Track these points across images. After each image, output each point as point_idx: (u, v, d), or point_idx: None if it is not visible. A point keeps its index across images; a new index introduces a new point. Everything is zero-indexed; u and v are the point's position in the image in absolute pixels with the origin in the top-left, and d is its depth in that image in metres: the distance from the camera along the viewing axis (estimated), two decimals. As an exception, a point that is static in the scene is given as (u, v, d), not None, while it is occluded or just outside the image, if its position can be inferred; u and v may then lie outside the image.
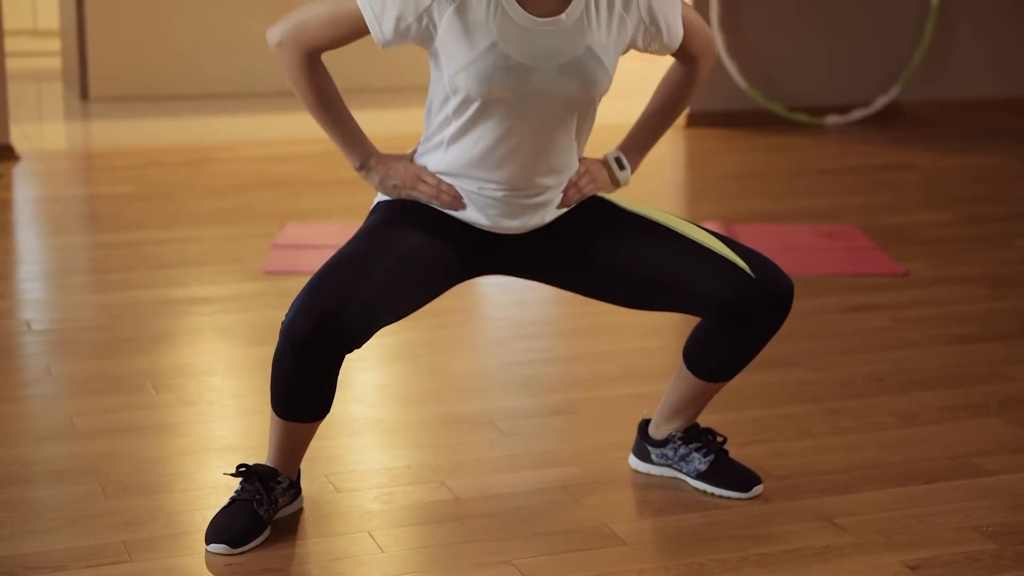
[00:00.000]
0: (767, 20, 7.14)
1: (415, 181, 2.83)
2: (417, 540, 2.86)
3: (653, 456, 3.15)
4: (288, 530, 2.88)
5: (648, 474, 3.16)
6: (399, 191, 2.84)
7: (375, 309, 2.67)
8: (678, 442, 3.11)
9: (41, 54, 8.84)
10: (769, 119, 7.17)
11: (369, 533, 2.88)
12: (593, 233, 2.89)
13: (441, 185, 2.82)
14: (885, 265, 4.75)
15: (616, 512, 2.99)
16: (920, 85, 7.43)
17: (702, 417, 3.42)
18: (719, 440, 3.15)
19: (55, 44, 8.82)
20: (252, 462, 3.11)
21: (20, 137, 6.57)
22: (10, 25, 8.83)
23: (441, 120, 2.79)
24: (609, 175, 2.96)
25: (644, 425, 3.18)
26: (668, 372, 3.80)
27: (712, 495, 3.05)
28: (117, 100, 7.53)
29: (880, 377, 3.76)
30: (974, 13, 7.45)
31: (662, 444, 3.13)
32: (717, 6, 6.96)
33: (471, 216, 2.84)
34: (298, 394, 2.75)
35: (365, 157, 2.85)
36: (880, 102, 7.25)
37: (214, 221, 5.22)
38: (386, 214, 2.84)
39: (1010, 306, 4.40)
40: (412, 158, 2.87)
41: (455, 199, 2.82)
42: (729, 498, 3.04)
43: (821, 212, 5.46)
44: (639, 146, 3.00)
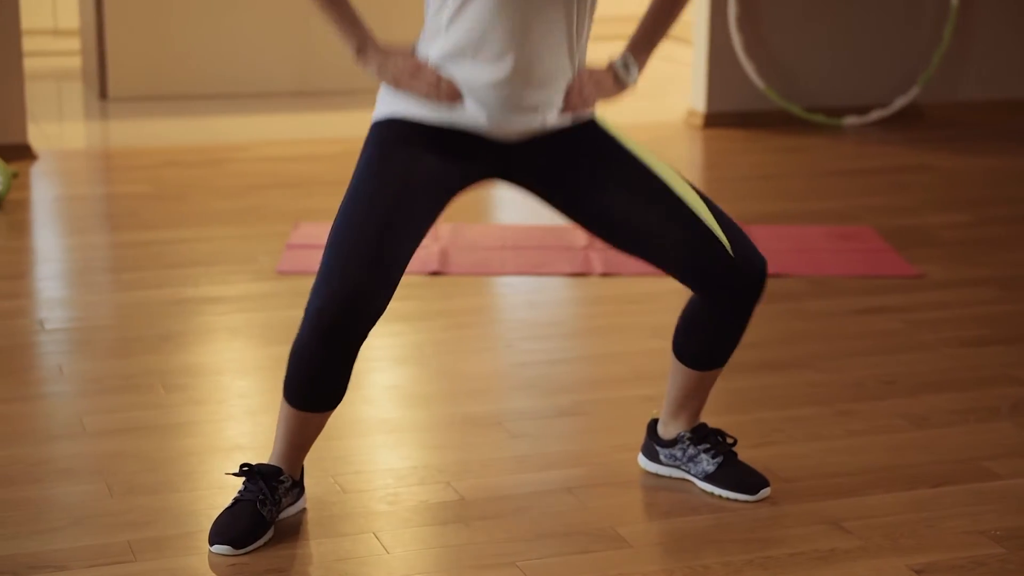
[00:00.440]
0: (785, 20, 7.11)
1: (413, 73, 2.76)
2: (422, 541, 2.86)
3: (662, 456, 3.14)
4: (293, 530, 2.89)
5: (656, 475, 3.15)
6: (397, 83, 2.77)
7: (395, 274, 2.72)
8: (687, 442, 3.10)
9: (61, 53, 8.86)
10: (787, 120, 7.15)
11: (375, 534, 2.88)
12: (592, 166, 2.86)
13: (440, 81, 2.75)
14: (899, 267, 4.73)
15: (622, 514, 2.98)
16: (939, 86, 7.40)
17: (712, 418, 3.41)
18: (729, 442, 3.14)
19: (75, 44, 8.84)
20: (257, 462, 3.11)
21: (38, 136, 6.59)
22: (31, 24, 8.85)
23: (438, 3, 2.75)
24: (614, 80, 2.87)
25: (653, 425, 3.17)
26: (678, 374, 3.80)
27: (719, 497, 3.05)
28: (136, 100, 7.54)
29: (891, 380, 3.74)
30: (994, 14, 7.41)
31: (671, 444, 3.12)
32: (735, 6, 6.94)
33: (470, 116, 2.77)
34: (320, 381, 2.77)
35: (362, 42, 2.77)
36: (899, 103, 7.21)
37: (228, 221, 5.22)
38: (379, 154, 2.77)
39: (1023, 309, 4.38)
40: (413, 51, 2.80)
41: (453, 93, 2.75)
42: (736, 501, 3.03)
43: (836, 213, 5.44)
44: (644, 44, 2.91)
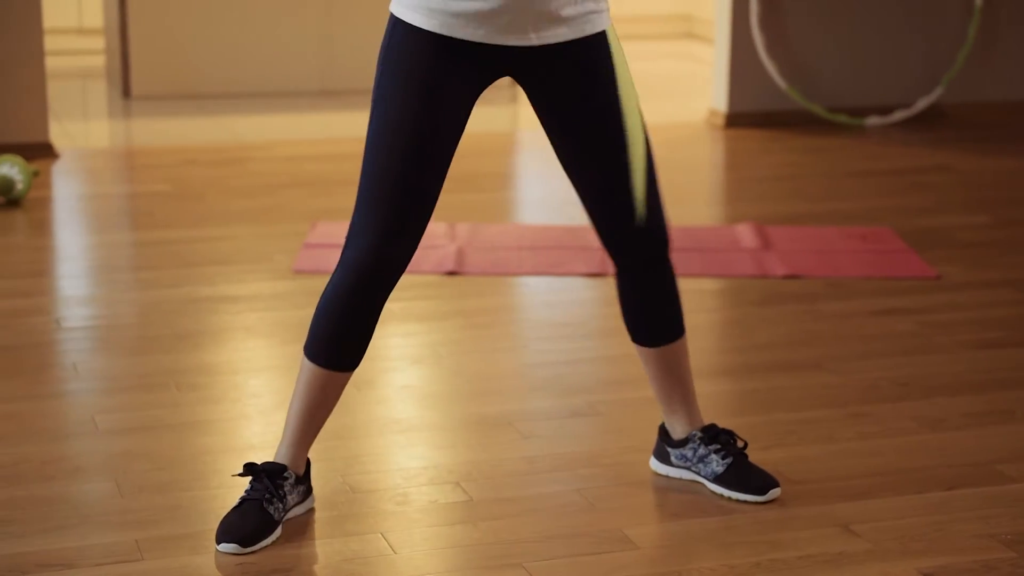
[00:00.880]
0: (808, 20, 7.09)
1: None
2: (429, 542, 2.86)
3: (672, 457, 3.13)
4: (301, 530, 2.89)
5: (667, 476, 3.15)
6: None
7: (426, 209, 2.76)
8: (697, 442, 3.09)
9: (86, 52, 8.90)
10: (809, 120, 7.12)
11: (382, 534, 2.88)
12: (574, 95, 2.82)
13: None
14: (917, 268, 4.71)
15: (631, 516, 2.97)
16: (963, 86, 7.36)
17: (724, 420, 3.40)
18: (740, 444, 3.13)
19: (100, 42, 8.87)
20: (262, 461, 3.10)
21: (61, 135, 6.62)
22: (56, 23, 8.89)
23: None
24: None
25: (664, 427, 3.16)
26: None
27: (728, 499, 3.04)
28: (158, 98, 7.56)
29: (905, 382, 3.73)
30: (1019, 14, 7.37)
31: (681, 444, 3.11)
32: (757, 6, 6.92)
33: (468, 34, 2.72)
34: (350, 331, 2.81)
35: None
36: (922, 103, 7.18)
37: (245, 220, 5.23)
38: (391, 83, 2.74)
39: (1042, 311, 4.36)
40: None
41: None
42: (744, 502, 3.02)
43: (856, 214, 5.42)
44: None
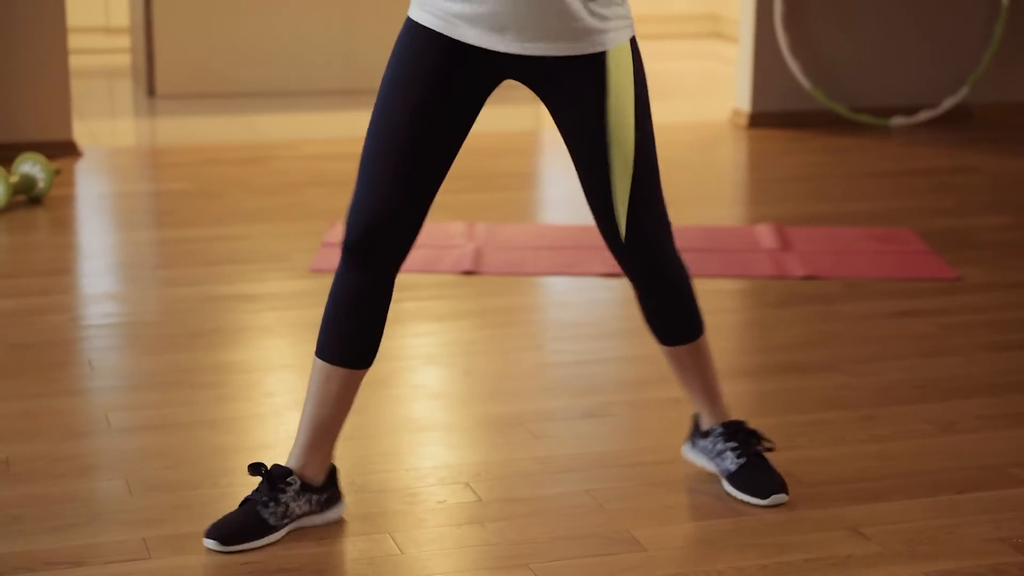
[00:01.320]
0: (832, 19, 7.06)
1: None
2: (436, 542, 2.85)
3: (698, 445, 3.14)
4: (309, 530, 2.89)
5: (693, 464, 3.15)
6: None
7: (419, 201, 2.77)
8: (718, 436, 3.08)
9: (112, 51, 8.93)
10: (833, 120, 7.09)
11: (390, 534, 2.88)
12: (571, 109, 2.81)
13: None
14: (937, 269, 4.69)
15: (639, 517, 2.97)
16: (989, 86, 7.32)
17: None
18: (762, 447, 3.09)
19: (126, 41, 8.90)
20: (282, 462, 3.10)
21: (85, 133, 6.64)
22: (83, 22, 8.93)
23: None
24: None
25: (696, 415, 3.16)
26: (706, 376, 3.78)
27: (734, 499, 3.03)
28: (183, 97, 7.58)
29: (921, 384, 3.71)
30: (1046, 13, 7.34)
31: (705, 435, 3.11)
32: (780, 5, 6.90)
33: (471, 38, 2.73)
34: (348, 322, 2.81)
35: None
36: (947, 103, 7.14)
37: (265, 219, 5.24)
38: (393, 75, 2.76)
39: (1062, 313, 4.33)
40: None
41: None
42: (747, 503, 3.01)
43: (878, 215, 5.39)
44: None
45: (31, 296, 4.38)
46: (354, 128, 6.89)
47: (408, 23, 2.78)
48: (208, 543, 2.79)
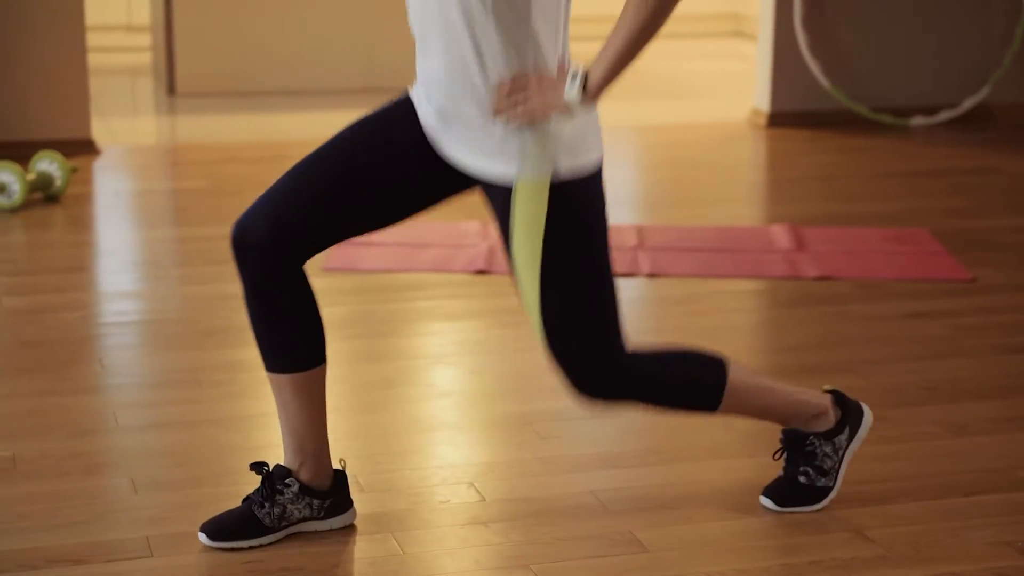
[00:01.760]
0: (851, 18, 7.03)
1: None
2: (439, 542, 2.85)
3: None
4: (310, 530, 2.89)
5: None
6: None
7: (313, 217, 2.72)
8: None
9: (134, 49, 8.96)
10: (852, 120, 7.07)
11: (392, 534, 2.88)
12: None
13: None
14: (951, 271, 4.66)
15: (643, 518, 2.96)
16: (1010, 87, 7.27)
17: (745, 422, 3.35)
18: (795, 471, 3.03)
19: (148, 40, 8.93)
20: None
21: (104, 131, 6.66)
22: (105, 20, 8.96)
23: None
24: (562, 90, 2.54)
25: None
26: (715, 377, 3.76)
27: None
28: (203, 96, 7.60)
29: (931, 386, 3.69)
30: (1068, 13, 7.30)
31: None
32: (800, 5, 6.87)
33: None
34: (263, 328, 2.78)
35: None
36: (968, 104, 7.11)
37: (281, 217, 5.24)
38: (375, 111, 2.78)
39: (1077, 315, 4.30)
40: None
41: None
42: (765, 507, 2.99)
43: (895, 215, 5.37)
44: (603, 49, 2.52)
45: (45, 293, 4.40)
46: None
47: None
48: (200, 536, 2.79)
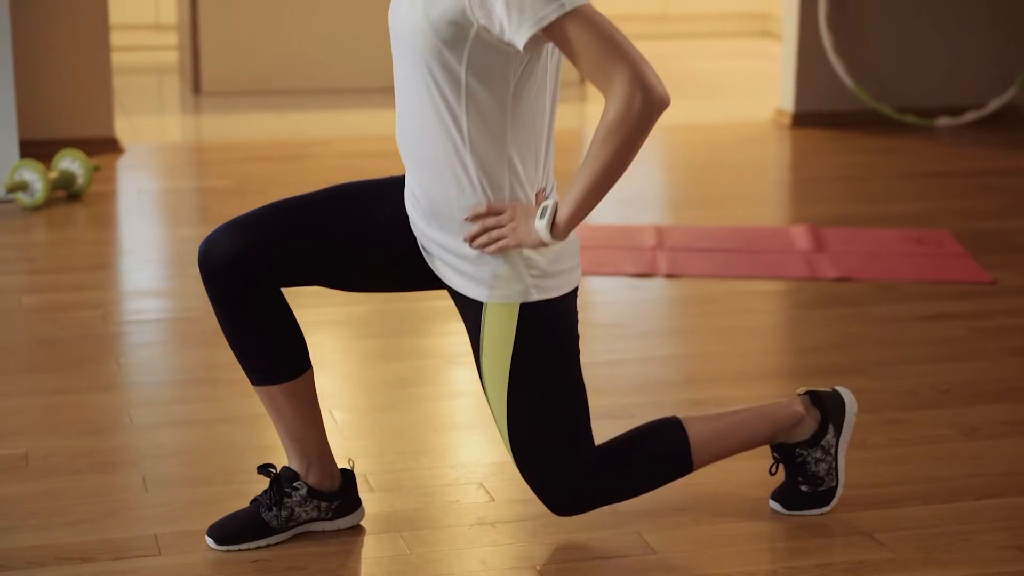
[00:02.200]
0: (876, 18, 7.01)
1: None
2: (446, 542, 2.85)
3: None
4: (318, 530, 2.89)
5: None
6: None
7: (251, 232, 2.64)
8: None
9: (161, 48, 9.01)
10: (877, 120, 7.04)
11: (399, 534, 2.88)
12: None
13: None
14: (971, 272, 4.63)
15: (652, 520, 2.95)
16: (1037, 87, 7.25)
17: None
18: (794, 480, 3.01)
19: (174, 39, 8.97)
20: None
21: (129, 130, 6.69)
22: (133, 19, 9.02)
23: None
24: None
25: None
26: (729, 378, 3.76)
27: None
28: (227, 95, 7.63)
29: (946, 388, 3.67)
30: (1096, 13, 7.25)
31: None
32: (825, 3, 6.85)
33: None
34: (236, 342, 2.71)
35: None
36: (994, 104, 7.07)
37: (301, 216, 5.25)
38: (377, 180, 2.80)
39: (1097, 317, 4.27)
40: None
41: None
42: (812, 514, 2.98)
43: (917, 216, 5.34)
44: (571, 185, 2.55)
45: (64, 291, 4.42)
46: (392, 125, 6.90)
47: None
48: (207, 540, 2.80)
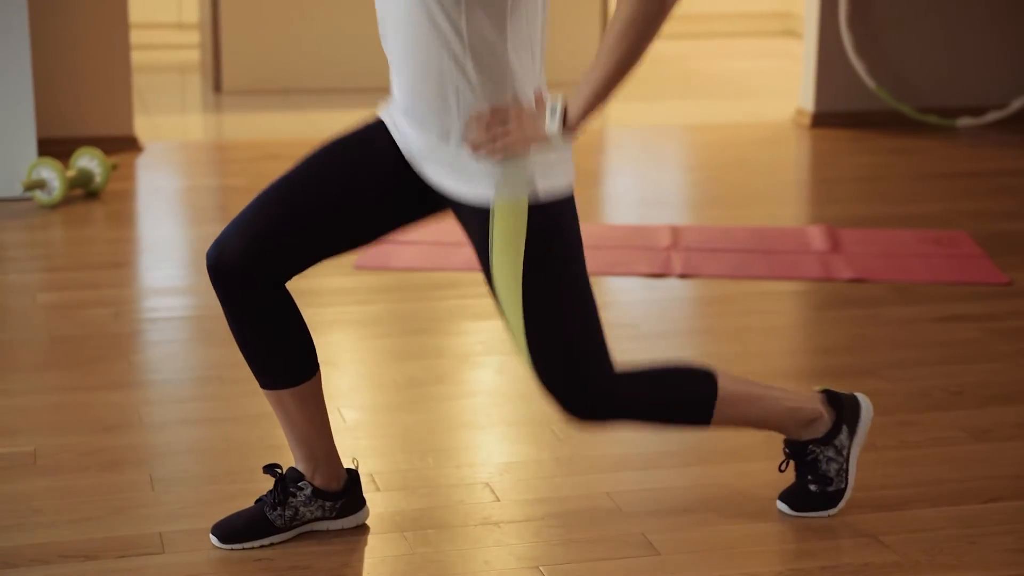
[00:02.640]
0: (897, 18, 6.97)
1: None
2: (450, 542, 2.85)
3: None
4: (322, 529, 2.89)
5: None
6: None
7: (256, 227, 2.63)
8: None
9: (183, 47, 9.02)
10: (898, 120, 7.00)
11: (403, 534, 2.88)
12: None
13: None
14: (988, 274, 4.61)
15: (657, 521, 2.94)
16: (1060, 87, 7.20)
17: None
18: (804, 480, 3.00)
19: (196, 37, 8.99)
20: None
21: (149, 128, 6.71)
22: (156, 18, 9.04)
23: None
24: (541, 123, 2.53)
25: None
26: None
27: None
28: (248, 93, 7.64)
29: (959, 390, 3.65)
30: (1120, 13, 7.20)
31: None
32: (846, 3, 6.82)
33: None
34: (248, 348, 2.71)
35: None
36: (1016, 104, 7.02)
37: (317, 215, 5.25)
38: (351, 130, 2.74)
39: (1114, 319, 4.24)
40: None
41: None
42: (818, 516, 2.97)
43: (936, 217, 5.32)
44: (582, 82, 2.51)
45: (80, 289, 4.43)
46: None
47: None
48: (211, 538, 2.81)
